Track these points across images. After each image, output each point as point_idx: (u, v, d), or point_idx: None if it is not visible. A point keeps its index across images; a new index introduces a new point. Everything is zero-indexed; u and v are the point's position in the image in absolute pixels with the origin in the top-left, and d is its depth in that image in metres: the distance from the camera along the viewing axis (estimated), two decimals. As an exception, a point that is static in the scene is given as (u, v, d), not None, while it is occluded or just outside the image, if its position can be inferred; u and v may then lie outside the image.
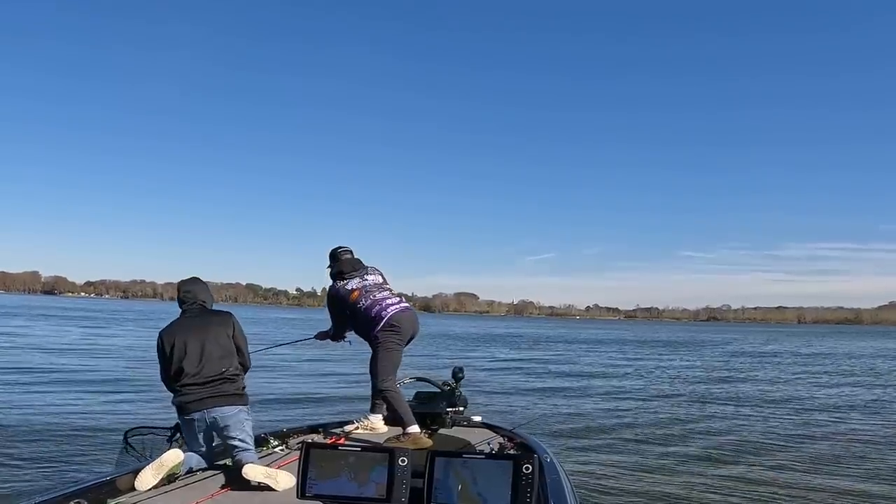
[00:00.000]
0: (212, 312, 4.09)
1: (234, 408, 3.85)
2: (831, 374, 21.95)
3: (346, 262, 4.97)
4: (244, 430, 3.84)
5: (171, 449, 3.66)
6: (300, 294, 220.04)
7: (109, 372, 15.35)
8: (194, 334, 3.89)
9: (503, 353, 30.38)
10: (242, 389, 3.96)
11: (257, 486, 3.47)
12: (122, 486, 3.41)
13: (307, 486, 2.41)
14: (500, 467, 2.40)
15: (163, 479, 3.49)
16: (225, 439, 3.86)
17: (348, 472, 2.40)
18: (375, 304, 4.74)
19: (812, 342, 51.67)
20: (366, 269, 4.98)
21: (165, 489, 3.42)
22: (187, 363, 3.83)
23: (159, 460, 3.51)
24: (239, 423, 3.82)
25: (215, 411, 3.80)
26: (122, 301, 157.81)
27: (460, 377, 5.43)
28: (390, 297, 4.86)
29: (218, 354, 3.87)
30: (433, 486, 2.41)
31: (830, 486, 6.95)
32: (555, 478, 3.43)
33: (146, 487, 3.38)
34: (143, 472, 3.42)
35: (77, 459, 7.12)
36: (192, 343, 3.86)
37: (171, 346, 3.87)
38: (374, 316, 4.69)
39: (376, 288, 4.86)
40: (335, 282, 4.95)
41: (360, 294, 4.80)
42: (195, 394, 3.81)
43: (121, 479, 3.46)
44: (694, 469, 7.58)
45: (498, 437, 4.63)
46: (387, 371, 4.65)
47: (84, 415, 9.59)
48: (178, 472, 3.63)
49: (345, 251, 5.03)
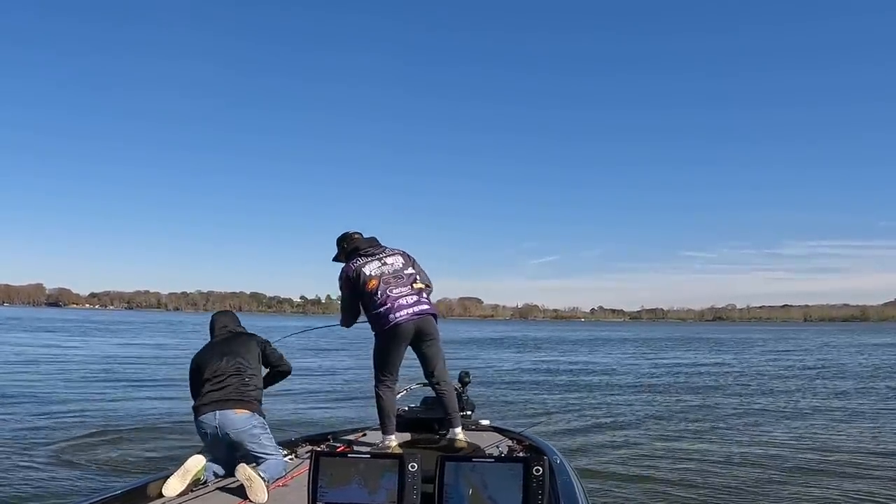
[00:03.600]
0: (238, 333, 4.32)
1: (246, 414, 3.87)
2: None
3: (363, 240, 4.56)
4: (260, 441, 3.87)
5: (194, 455, 3.69)
6: (304, 302, 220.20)
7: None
8: (219, 349, 4.14)
9: (509, 355, 30.39)
10: (258, 403, 4.03)
11: (277, 498, 3.47)
12: (142, 496, 3.43)
13: (318, 495, 2.40)
14: (510, 470, 2.39)
15: (189, 485, 3.54)
16: (243, 452, 3.87)
17: (359, 479, 2.39)
18: (388, 301, 4.34)
19: (852, 338, 51.51)
20: (384, 250, 4.55)
21: (184, 500, 3.43)
22: (207, 372, 4.00)
23: (183, 467, 3.56)
24: (253, 435, 3.86)
25: (226, 416, 3.83)
26: (128, 312, 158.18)
27: (467, 381, 5.40)
28: (408, 293, 4.40)
29: (237, 361, 4.03)
30: (444, 490, 2.40)
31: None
32: (566, 479, 3.41)
33: (174, 494, 3.44)
34: (171, 480, 3.49)
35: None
36: (216, 356, 4.08)
37: (198, 363, 4.11)
38: (384, 315, 4.36)
39: (395, 279, 4.42)
40: (350, 262, 4.52)
41: (379, 284, 4.38)
42: (207, 395, 3.91)
43: (141, 489, 3.47)
44: (711, 472, 7.39)
45: (507, 440, 4.62)
46: (379, 372, 4.52)
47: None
48: (202, 477, 3.67)
49: (355, 233, 4.63)
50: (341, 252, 4.63)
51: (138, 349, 28.36)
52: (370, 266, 4.44)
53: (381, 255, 4.51)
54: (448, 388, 4.55)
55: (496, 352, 33.36)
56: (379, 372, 4.52)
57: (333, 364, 21.78)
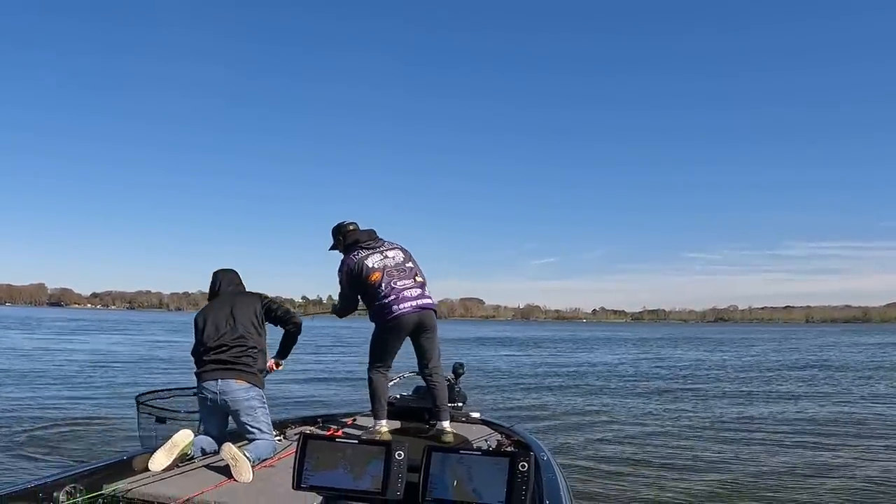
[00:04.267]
0: (241, 293, 4.27)
1: (246, 385, 3.87)
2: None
3: (362, 232, 4.52)
4: (255, 416, 3.87)
5: (183, 429, 3.69)
6: (306, 302, 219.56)
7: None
8: (221, 310, 4.08)
9: (507, 354, 30.37)
10: (260, 373, 4.01)
11: (263, 478, 3.46)
12: (128, 469, 3.43)
13: (303, 477, 2.42)
14: (496, 464, 2.35)
15: (175, 459, 3.52)
16: (237, 424, 3.88)
17: (345, 464, 2.38)
18: (392, 293, 4.34)
19: (854, 338, 51.37)
20: (384, 243, 4.56)
21: (167, 475, 3.41)
22: (208, 334, 3.98)
23: (171, 441, 3.56)
24: (251, 408, 3.86)
25: (227, 384, 3.83)
26: (130, 312, 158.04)
27: (460, 373, 5.41)
28: (412, 286, 4.42)
29: (240, 329, 3.99)
30: (429, 480, 2.39)
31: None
32: (551, 476, 3.42)
33: (160, 468, 3.43)
34: (157, 454, 3.48)
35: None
36: (219, 317, 4.03)
37: (202, 322, 4.06)
38: (388, 306, 4.36)
39: (398, 271, 4.43)
40: (350, 254, 4.50)
41: (382, 277, 4.38)
42: (210, 363, 3.90)
43: (126, 462, 3.48)
44: (699, 472, 7.41)
45: (496, 434, 4.63)
46: (375, 359, 4.55)
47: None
48: (189, 452, 3.65)
49: (350, 223, 4.60)
50: (338, 243, 4.62)
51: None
52: (372, 258, 4.45)
53: (381, 248, 4.52)
54: (440, 380, 4.59)
55: (495, 350, 33.34)
56: (375, 360, 4.55)
57: (330, 358, 21.78)
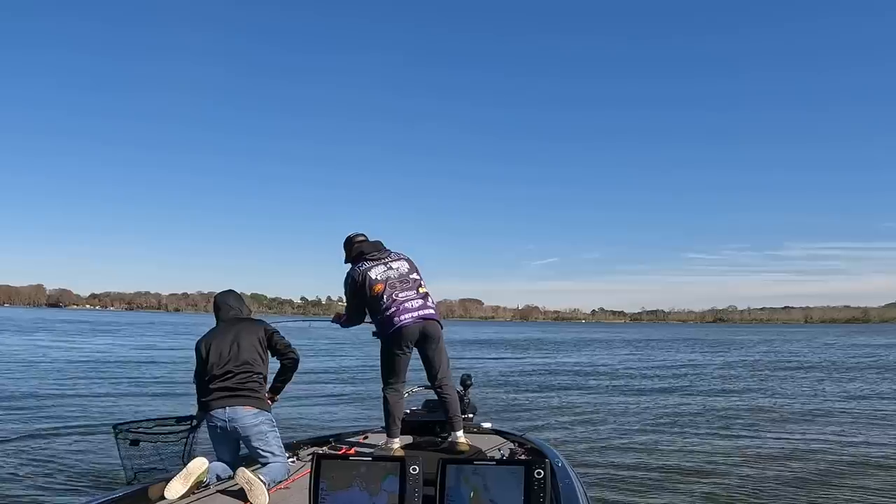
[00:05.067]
0: (245, 319, 4.28)
1: (254, 410, 3.90)
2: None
3: (368, 244, 4.57)
4: (266, 440, 3.88)
5: (197, 457, 3.68)
6: (305, 303, 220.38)
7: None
8: (225, 337, 4.07)
9: (509, 356, 30.37)
10: (266, 398, 4.04)
11: (279, 501, 3.46)
12: (143, 499, 3.42)
13: (319, 498, 2.39)
14: (511, 473, 2.38)
15: (191, 487, 3.52)
16: (249, 449, 3.89)
17: (360, 482, 2.38)
18: (393, 305, 4.36)
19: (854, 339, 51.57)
20: (389, 254, 4.58)
21: (187, 501, 3.42)
22: (213, 362, 3.97)
23: (186, 469, 3.55)
24: (261, 433, 3.88)
25: (235, 412, 3.85)
26: (128, 313, 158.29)
27: (469, 384, 5.41)
28: (414, 297, 4.43)
29: (244, 356, 4.00)
30: (445, 493, 2.39)
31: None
32: (567, 482, 3.40)
33: (176, 496, 3.42)
34: (173, 482, 3.47)
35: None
36: (223, 345, 4.03)
37: (206, 350, 4.05)
38: (389, 318, 4.38)
39: (401, 283, 4.45)
40: (355, 265, 4.54)
41: (385, 289, 4.40)
42: (217, 391, 3.91)
43: (142, 492, 3.46)
44: (716, 476, 7.32)
45: (508, 443, 4.62)
46: (387, 376, 4.54)
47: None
48: (205, 479, 3.65)
49: (359, 235, 4.65)
50: (348, 255, 4.65)
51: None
52: (376, 270, 4.47)
53: (386, 259, 4.54)
54: (450, 391, 4.55)
55: (497, 353, 33.36)
56: (387, 376, 4.55)
57: (335, 365, 21.75)
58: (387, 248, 4.64)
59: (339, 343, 33.60)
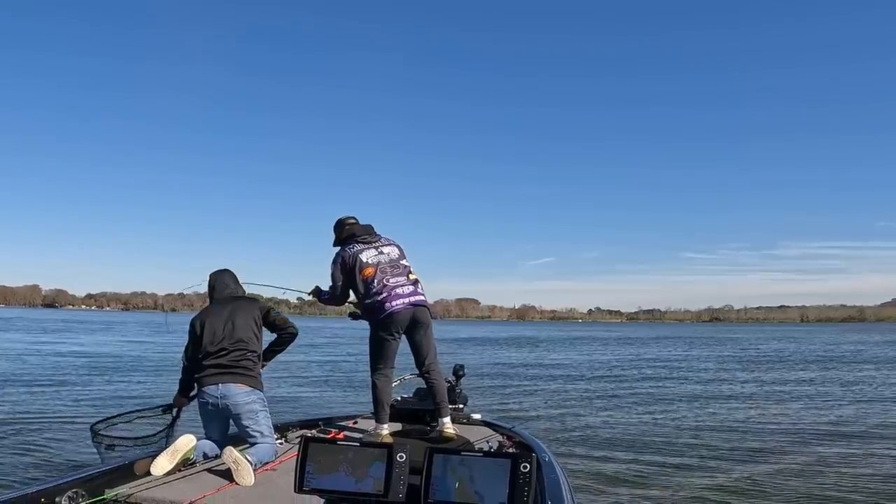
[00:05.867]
0: (240, 298, 4.28)
1: (247, 389, 3.89)
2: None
3: (359, 227, 4.55)
4: (256, 419, 3.88)
5: (185, 434, 3.68)
6: (301, 303, 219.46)
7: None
8: (220, 315, 4.07)
9: (505, 354, 30.38)
10: (259, 377, 4.03)
11: (265, 482, 3.45)
12: (130, 474, 3.42)
13: (305, 480, 2.41)
14: (497, 465, 2.36)
15: (177, 464, 3.52)
16: (239, 428, 3.89)
17: (346, 467, 2.39)
18: (384, 291, 4.35)
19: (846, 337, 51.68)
20: (380, 239, 4.57)
21: (169, 479, 3.41)
22: (207, 340, 3.97)
23: (173, 446, 3.56)
24: (252, 412, 3.88)
25: (228, 388, 3.85)
26: (125, 313, 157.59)
27: (461, 375, 5.43)
28: (405, 283, 4.43)
29: (239, 334, 4.00)
30: (431, 482, 2.39)
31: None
32: (553, 477, 3.42)
33: (162, 472, 3.42)
34: (159, 458, 3.48)
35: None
36: (217, 322, 4.03)
37: (200, 327, 4.05)
38: (379, 305, 4.37)
39: (392, 268, 4.44)
40: (346, 246, 4.51)
41: (375, 273, 4.39)
42: (210, 368, 3.91)
43: (128, 467, 3.47)
44: (700, 471, 7.38)
45: (497, 436, 4.63)
46: (375, 361, 4.54)
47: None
48: (192, 457, 3.65)
49: (350, 217, 4.63)
50: (338, 237, 4.64)
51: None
52: (367, 253, 4.45)
53: (377, 243, 4.53)
54: (438, 377, 4.58)
55: (491, 350, 33.36)
56: (375, 361, 4.55)
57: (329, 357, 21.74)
58: (377, 232, 4.63)
59: (337, 337, 33.50)
